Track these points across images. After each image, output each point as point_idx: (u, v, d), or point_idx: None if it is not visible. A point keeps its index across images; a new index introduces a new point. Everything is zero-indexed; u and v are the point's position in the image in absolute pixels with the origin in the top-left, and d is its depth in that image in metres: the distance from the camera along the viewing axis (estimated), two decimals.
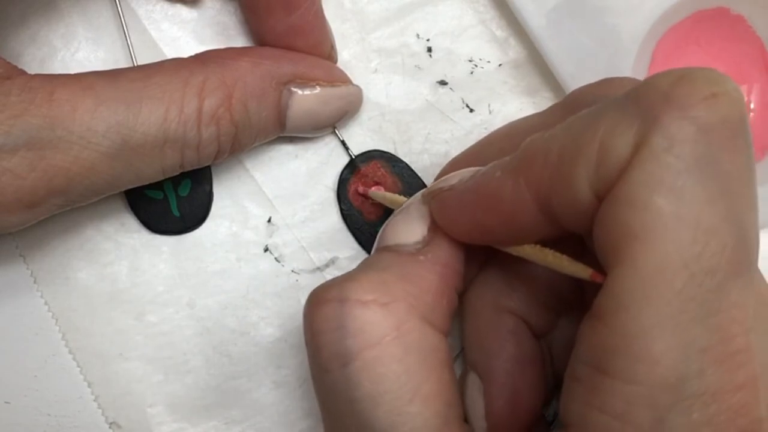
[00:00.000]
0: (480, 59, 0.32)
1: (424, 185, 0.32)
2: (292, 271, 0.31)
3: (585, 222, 0.20)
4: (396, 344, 0.22)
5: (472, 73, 0.32)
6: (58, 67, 0.30)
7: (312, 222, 0.32)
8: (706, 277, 0.18)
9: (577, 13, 0.30)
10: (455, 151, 0.32)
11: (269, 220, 0.32)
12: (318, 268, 0.32)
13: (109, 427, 0.30)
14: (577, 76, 0.30)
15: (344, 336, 0.22)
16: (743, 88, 0.33)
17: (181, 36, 0.31)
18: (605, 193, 0.19)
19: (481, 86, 0.32)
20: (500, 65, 0.33)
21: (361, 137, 0.32)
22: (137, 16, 0.31)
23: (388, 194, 0.30)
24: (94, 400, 0.30)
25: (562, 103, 0.26)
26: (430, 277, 0.24)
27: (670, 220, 0.18)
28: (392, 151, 0.32)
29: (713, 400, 0.18)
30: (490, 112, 0.32)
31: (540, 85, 0.33)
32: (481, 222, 0.23)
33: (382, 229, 0.26)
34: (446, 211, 0.24)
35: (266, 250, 0.31)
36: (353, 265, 0.31)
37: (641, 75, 0.31)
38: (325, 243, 0.32)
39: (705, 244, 0.18)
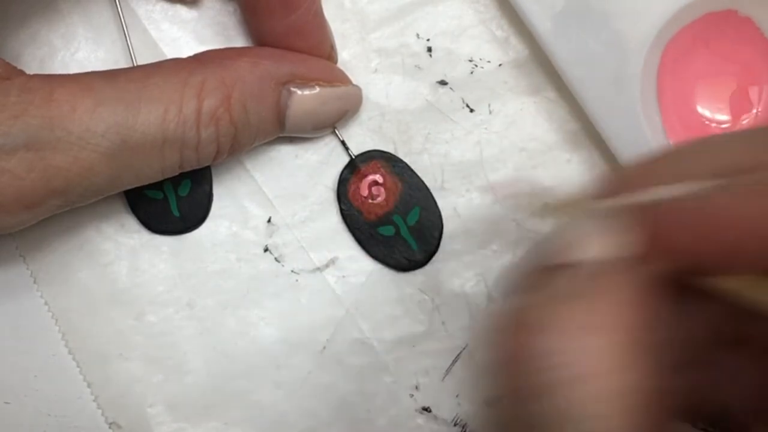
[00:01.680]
0: (480, 59, 0.32)
1: (424, 185, 0.32)
2: (292, 271, 0.31)
3: None
4: (608, 380, 0.19)
5: (472, 73, 0.32)
6: (58, 67, 0.30)
7: (312, 222, 0.32)
8: None
9: (585, 17, 0.30)
10: (455, 151, 0.32)
11: (269, 220, 0.32)
12: (318, 268, 0.32)
13: (109, 427, 0.30)
14: (585, 81, 0.30)
15: (552, 366, 0.19)
16: (753, 91, 0.32)
17: (181, 36, 0.31)
18: None
19: (481, 86, 0.32)
20: (500, 65, 0.32)
21: (361, 137, 0.32)
22: (137, 16, 0.31)
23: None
24: (94, 400, 0.30)
25: None
26: (636, 303, 0.21)
27: None
28: (392, 151, 0.32)
29: None
30: (490, 112, 0.32)
31: (541, 85, 0.32)
32: (721, 241, 0.20)
33: (561, 244, 0.22)
34: (672, 225, 0.21)
35: (266, 250, 0.31)
36: (353, 266, 0.31)
37: (650, 79, 0.31)
38: (325, 243, 0.32)
39: None
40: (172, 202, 0.31)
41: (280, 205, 0.32)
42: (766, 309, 0.19)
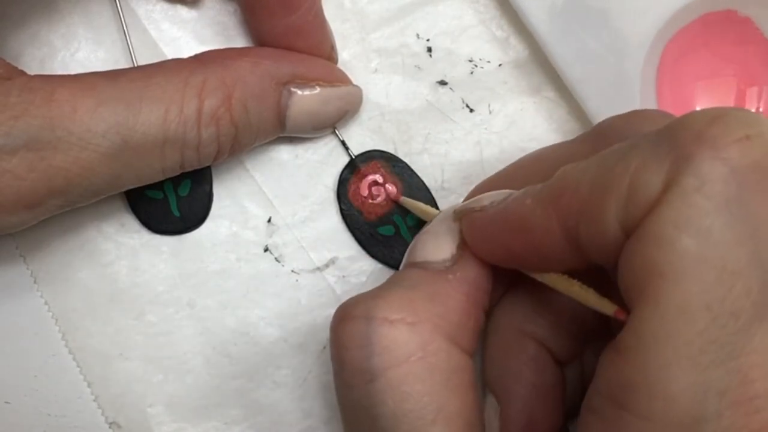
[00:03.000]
0: (480, 59, 0.32)
1: (424, 185, 0.32)
2: (292, 271, 0.31)
3: (611, 256, 0.20)
4: (421, 364, 0.22)
5: (472, 73, 0.32)
6: (58, 67, 0.30)
7: (312, 222, 0.32)
8: (729, 319, 0.18)
9: (584, 17, 0.30)
10: (455, 151, 0.32)
11: (269, 220, 0.32)
12: (318, 268, 0.32)
13: (109, 427, 0.30)
14: (585, 81, 0.30)
15: (370, 353, 0.22)
16: (753, 91, 0.33)
17: (181, 36, 0.31)
18: (633, 229, 0.19)
19: (481, 86, 0.32)
20: (500, 65, 0.33)
21: (361, 137, 0.32)
22: (137, 16, 0.31)
23: (420, 204, 0.30)
24: (94, 400, 0.30)
25: (592, 133, 0.26)
26: (458, 296, 0.24)
27: (695, 261, 0.18)
28: (392, 151, 0.32)
29: None
30: (490, 112, 0.32)
31: (540, 85, 0.33)
32: (509, 246, 0.23)
33: (412, 244, 0.26)
34: (476, 232, 0.24)
35: (266, 250, 0.31)
36: (353, 265, 0.31)
37: (650, 79, 0.31)
38: (325, 243, 0.32)
39: (730, 286, 0.18)
40: (172, 202, 0.31)
41: (280, 205, 0.32)
42: (579, 299, 0.22)
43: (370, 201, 0.31)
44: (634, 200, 0.19)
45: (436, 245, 0.25)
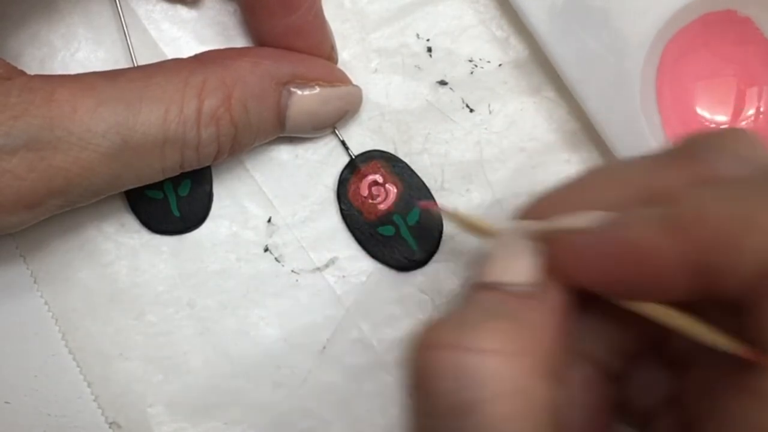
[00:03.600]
0: (480, 59, 0.32)
1: (424, 185, 0.32)
2: (292, 271, 0.31)
3: (739, 294, 0.19)
4: (519, 401, 0.20)
5: (472, 73, 0.32)
6: (58, 67, 0.30)
7: (312, 222, 0.32)
8: None
9: (584, 17, 0.30)
10: (455, 151, 0.32)
11: (269, 220, 0.32)
12: (318, 268, 0.32)
13: (109, 427, 0.30)
14: (585, 81, 0.30)
15: (466, 386, 0.20)
16: (753, 91, 0.32)
17: (181, 36, 0.31)
18: None
19: (481, 86, 0.32)
20: (500, 65, 0.33)
21: (361, 137, 0.32)
22: (137, 16, 0.31)
23: (470, 216, 0.27)
24: (94, 400, 0.30)
25: (681, 151, 0.24)
26: (549, 326, 0.22)
27: None
28: (392, 151, 0.32)
29: None
30: (490, 112, 0.32)
31: (540, 85, 0.33)
32: (614, 273, 0.21)
33: (484, 262, 0.23)
34: (574, 256, 0.22)
35: (266, 250, 0.31)
36: (353, 266, 0.31)
37: (650, 79, 0.31)
38: (325, 243, 0.32)
39: None
40: (173, 202, 0.31)
41: (280, 205, 0.32)
42: (692, 334, 0.21)
43: (370, 201, 0.31)
44: None
45: (514, 266, 0.23)
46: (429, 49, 0.32)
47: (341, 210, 0.32)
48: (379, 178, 0.32)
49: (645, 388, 0.25)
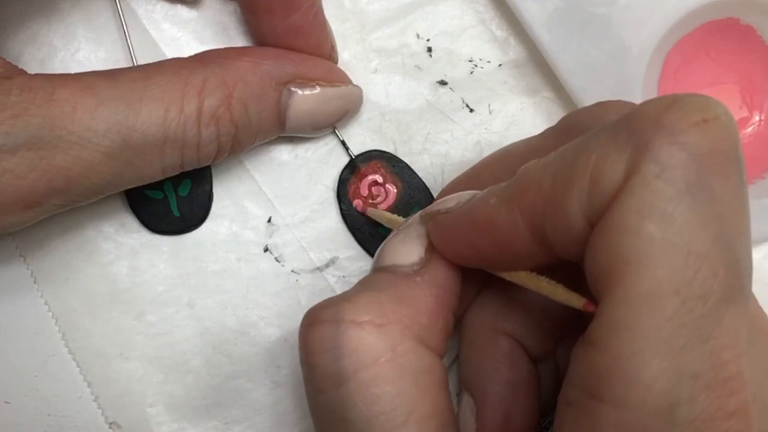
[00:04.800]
0: (480, 59, 0.32)
1: (424, 185, 0.32)
2: (292, 271, 0.31)
3: (578, 250, 0.20)
4: (391, 366, 0.22)
5: (472, 73, 0.32)
6: (58, 67, 0.30)
7: (312, 222, 0.32)
8: (698, 302, 0.18)
9: (586, 25, 0.30)
10: (455, 151, 0.32)
11: (269, 220, 0.32)
12: (318, 268, 0.32)
13: (109, 427, 0.30)
14: (588, 89, 0.30)
15: (339, 357, 0.22)
16: (755, 99, 0.33)
17: (181, 36, 0.31)
18: (597, 220, 0.19)
19: (481, 86, 0.32)
20: (500, 65, 0.33)
21: (361, 137, 0.32)
22: (137, 16, 0.31)
23: (386, 213, 0.30)
24: (94, 400, 0.30)
25: (556, 128, 0.26)
26: (426, 298, 0.24)
27: (661, 246, 0.18)
28: (392, 151, 0.32)
29: (704, 427, 0.18)
30: (490, 112, 0.32)
31: (540, 86, 0.33)
32: (476, 247, 0.23)
33: (379, 249, 0.26)
34: (442, 234, 0.24)
35: (266, 250, 0.31)
36: (353, 266, 0.31)
37: (652, 87, 0.31)
38: (325, 243, 0.32)
39: (696, 269, 0.18)
40: (172, 202, 0.31)
41: (280, 205, 0.32)
42: (548, 294, 0.22)
43: (370, 201, 0.31)
44: (597, 191, 0.19)
45: (404, 249, 0.25)
46: (429, 49, 0.32)
47: (341, 210, 0.32)
48: (379, 178, 0.32)
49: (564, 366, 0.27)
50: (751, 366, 0.19)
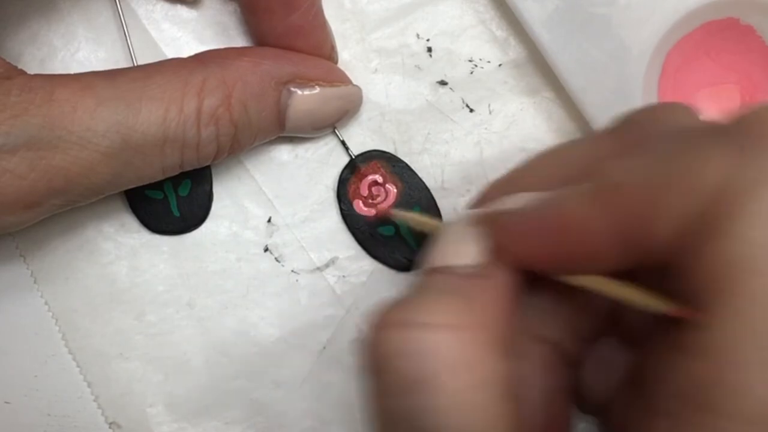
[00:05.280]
0: (480, 59, 0.32)
1: (424, 185, 0.32)
2: (292, 271, 0.31)
3: (666, 255, 0.20)
4: (471, 372, 0.20)
5: (472, 73, 0.32)
6: (58, 67, 0.30)
7: (312, 222, 0.32)
8: None
9: (586, 25, 0.30)
10: (455, 151, 0.32)
11: (269, 220, 0.32)
12: (318, 268, 0.32)
13: (109, 427, 0.30)
14: (588, 89, 0.30)
15: (418, 362, 0.20)
16: (755, 99, 0.32)
17: (181, 36, 0.31)
18: (698, 226, 0.19)
19: (481, 86, 0.32)
20: (500, 65, 0.33)
21: (361, 137, 0.32)
22: (137, 16, 0.31)
23: (413, 215, 0.29)
24: (94, 400, 0.30)
25: (617, 127, 0.25)
26: (496, 302, 0.22)
27: None
28: (392, 151, 0.32)
29: None
30: (490, 112, 0.32)
31: (540, 86, 0.33)
32: (550, 248, 0.22)
33: (430, 249, 0.24)
34: (513, 235, 0.23)
35: (266, 250, 0.31)
36: (353, 266, 0.31)
37: (652, 87, 0.31)
38: (325, 243, 0.32)
39: None
40: (172, 202, 0.31)
41: (280, 205, 0.32)
42: (627, 299, 0.21)
43: (370, 201, 0.31)
44: (699, 197, 0.19)
45: (459, 251, 0.23)
46: (429, 49, 0.32)
47: (341, 210, 0.32)
48: (379, 178, 0.32)
49: (603, 371, 0.26)
50: None
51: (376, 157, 0.32)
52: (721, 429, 0.18)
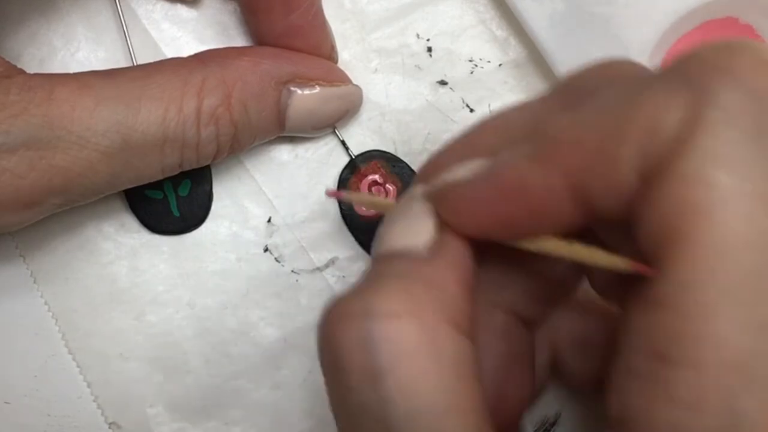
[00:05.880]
0: (480, 59, 0.32)
1: None
2: (292, 271, 0.31)
3: (624, 207, 0.19)
4: (430, 357, 0.20)
5: (472, 73, 0.32)
6: (58, 67, 0.30)
7: (312, 222, 0.32)
8: None
9: (585, 24, 0.30)
10: None
11: (269, 220, 0.32)
12: (318, 268, 0.31)
13: (109, 427, 0.30)
14: None
15: (374, 352, 0.20)
16: None
17: (181, 36, 0.31)
18: (655, 172, 0.18)
19: (481, 86, 0.32)
20: (500, 65, 0.33)
21: (361, 137, 0.32)
22: (137, 16, 0.31)
23: (367, 195, 0.29)
24: (94, 400, 0.30)
25: (560, 89, 0.24)
26: (451, 279, 0.22)
27: (732, 194, 0.17)
28: (392, 151, 0.32)
29: None
30: (490, 112, 0.32)
31: (540, 86, 0.33)
32: (502, 216, 0.21)
33: (380, 233, 0.24)
34: (461, 207, 0.22)
35: (266, 250, 0.31)
36: (353, 266, 0.31)
37: None
38: (325, 243, 0.32)
39: None
40: (172, 202, 0.31)
41: (280, 205, 0.32)
42: (585, 260, 0.21)
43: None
44: (653, 143, 0.18)
45: (412, 230, 0.23)
46: (429, 49, 0.32)
47: (341, 210, 0.32)
48: (379, 178, 0.32)
49: (583, 353, 0.26)
50: None
51: (376, 157, 0.32)
52: (690, 380, 0.17)
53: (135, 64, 0.30)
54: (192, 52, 0.29)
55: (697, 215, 0.17)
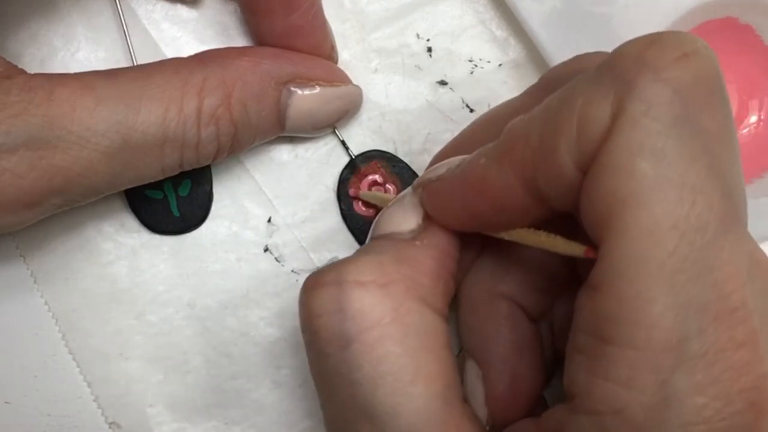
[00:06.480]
0: (480, 59, 0.32)
1: None
2: (292, 271, 0.31)
3: (572, 199, 0.20)
4: (395, 325, 0.22)
5: (472, 73, 0.32)
6: (58, 67, 0.30)
7: (312, 222, 0.32)
8: (697, 235, 0.18)
9: (584, 25, 0.30)
10: None
11: (269, 220, 0.32)
12: (318, 268, 0.31)
13: (109, 427, 0.30)
14: None
15: (343, 318, 0.22)
16: (753, 100, 0.32)
17: (181, 36, 0.31)
18: (589, 164, 0.19)
19: (481, 86, 0.32)
20: (500, 65, 0.33)
21: (361, 137, 0.32)
22: (137, 16, 0.31)
23: (379, 194, 0.30)
24: (94, 400, 0.30)
25: (537, 85, 0.26)
26: (427, 260, 0.24)
27: (655, 183, 0.18)
28: (392, 151, 0.32)
29: (716, 359, 0.18)
30: None
31: None
32: (471, 209, 0.23)
33: (375, 220, 0.26)
34: (436, 201, 0.24)
35: (266, 250, 0.31)
36: None
37: None
38: (325, 243, 0.32)
39: (692, 202, 0.18)
40: (172, 202, 0.31)
41: (280, 205, 0.32)
42: (548, 247, 0.22)
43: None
44: (585, 136, 0.19)
45: (400, 217, 0.25)
46: (429, 49, 0.32)
47: (341, 210, 0.32)
48: (379, 178, 0.32)
49: (565, 325, 0.26)
50: (753, 298, 0.19)
51: (376, 157, 0.32)
52: (626, 359, 0.19)
53: (135, 64, 0.30)
54: (192, 52, 0.29)
55: (622, 204, 0.19)
